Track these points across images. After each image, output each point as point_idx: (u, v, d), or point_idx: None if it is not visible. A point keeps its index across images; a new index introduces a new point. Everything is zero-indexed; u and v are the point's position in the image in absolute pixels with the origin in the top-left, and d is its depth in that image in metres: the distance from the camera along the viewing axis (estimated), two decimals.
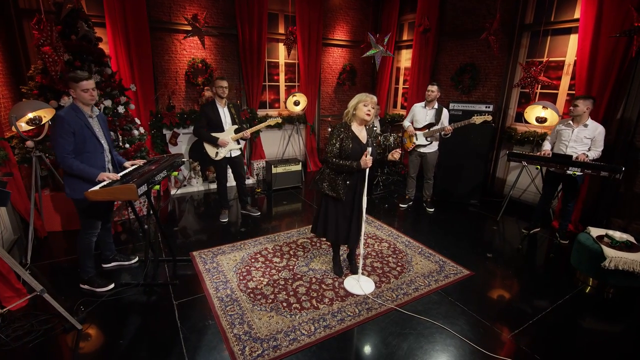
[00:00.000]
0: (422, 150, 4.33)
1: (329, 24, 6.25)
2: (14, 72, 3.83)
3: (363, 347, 2.24)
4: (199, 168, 5.31)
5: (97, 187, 2.26)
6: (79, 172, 2.43)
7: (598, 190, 3.90)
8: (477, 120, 3.93)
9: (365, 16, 6.60)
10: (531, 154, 3.71)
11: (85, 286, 2.72)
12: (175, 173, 2.91)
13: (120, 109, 3.80)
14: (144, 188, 2.33)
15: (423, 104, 4.30)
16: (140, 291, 2.71)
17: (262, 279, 2.90)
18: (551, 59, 4.47)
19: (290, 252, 3.36)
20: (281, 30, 5.88)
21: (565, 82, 4.38)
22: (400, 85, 6.87)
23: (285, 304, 2.57)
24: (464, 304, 2.66)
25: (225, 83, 3.75)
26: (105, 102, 3.68)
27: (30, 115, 3.12)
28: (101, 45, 3.84)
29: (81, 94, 2.44)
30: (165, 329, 2.32)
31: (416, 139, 4.29)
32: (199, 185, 5.28)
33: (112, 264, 3.09)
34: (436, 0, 5.38)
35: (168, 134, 5.04)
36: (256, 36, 5.26)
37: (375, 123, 5.87)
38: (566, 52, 4.33)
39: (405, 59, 6.64)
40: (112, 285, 2.75)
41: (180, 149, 5.17)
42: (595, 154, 3.31)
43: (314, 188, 2.73)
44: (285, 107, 5.92)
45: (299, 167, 5.36)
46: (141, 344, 2.20)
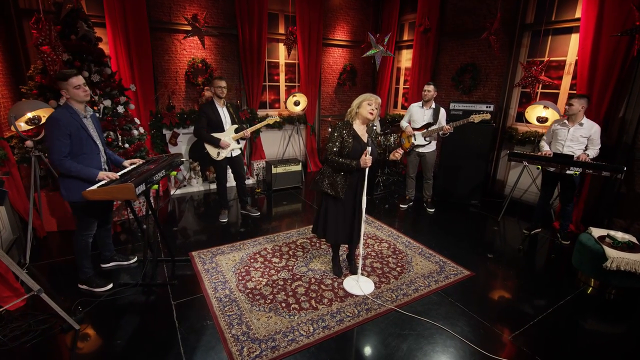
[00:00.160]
0: (421, 150, 4.32)
1: (330, 24, 6.24)
2: (13, 72, 3.82)
3: (362, 348, 2.22)
4: (198, 168, 5.30)
5: (95, 187, 2.26)
6: (77, 174, 2.39)
7: (599, 190, 3.87)
8: (475, 118, 3.92)
9: (365, 16, 6.59)
10: (532, 153, 3.69)
11: (84, 286, 2.71)
12: (174, 173, 2.90)
13: (120, 109, 3.79)
14: (142, 187, 2.32)
15: (420, 103, 4.29)
16: (139, 291, 2.70)
17: (261, 279, 2.89)
18: (552, 58, 4.45)
19: (290, 253, 3.34)
20: (281, 30, 5.87)
21: (566, 81, 4.36)
22: (401, 86, 6.86)
23: (284, 305, 2.56)
24: (465, 304, 2.64)
25: (224, 83, 3.75)
26: (105, 102, 3.67)
27: (29, 115, 3.13)
28: (101, 46, 3.83)
29: (74, 91, 2.37)
30: (163, 330, 2.31)
31: (414, 139, 4.28)
32: (199, 186, 5.27)
33: (111, 264, 3.08)
34: (437, 0, 5.37)
35: (168, 134, 5.04)
36: (256, 36, 5.26)
37: (375, 123, 5.86)
38: (567, 52, 4.31)
39: (406, 59, 6.62)
40: (111, 286, 2.74)
41: (180, 149, 5.16)
42: (594, 152, 3.32)
43: (314, 188, 2.72)
44: (286, 107, 5.91)
45: (299, 168, 5.35)
46: (139, 345, 2.19)
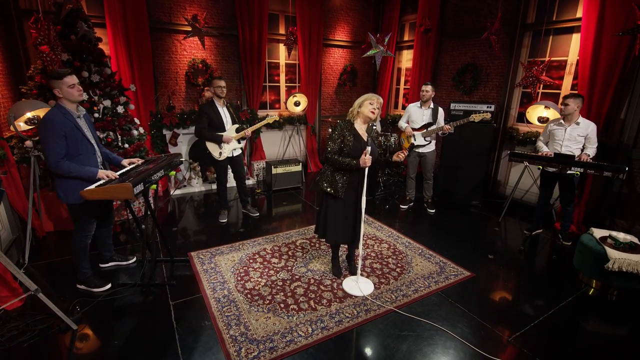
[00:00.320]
0: (421, 150, 4.31)
1: (330, 24, 6.24)
2: (14, 72, 3.83)
3: (361, 349, 2.21)
4: (198, 168, 5.30)
5: (93, 186, 2.25)
6: (77, 174, 2.36)
7: (601, 191, 3.84)
8: (476, 118, 3.91)
9: (366, 17, 6.58)
10: (533, 154, 3.67)
11: (82, 286, 2.70)
12: (173, 173, 2.89)
13: (120, 109, 3.79)
14: (140, 187, 2.31)
15: (418, 104, 4.28)
16: (137, 291, 2.70)
17: (260, 279, 2.87)
18: (553, 58, 4.43)
19: (289, 253, 3.33)
20: (282, 30, 5.87)
21: (567, 81, 4.34)
22: (402, 86, 6.84)
23: (282, 305, 2.54)
24: (465, 305, 2.62)
25: (223, 83, 3.75)
26: (105, 102, 3.67)
27: (28, 115, 3.13)
28: (101, 46, 3.83)
29: (68, 90, 2.33)
30: (161, 330, 2.30)
31: (414, 140, 4.27)
32: (199, 186, 5.27)
33: (110, 264, 3.07)
34: (437, 0, 5.36)
35: (168, 134, 5.04)
36: (256, 36, 5.26)
37: (375, 123, 5.84)
38: (568, 52, 4.29)
39: (407, 59, 6.61)
40: (109, 286, 2.73)
41: (180, 149, 5.16)
42: (592, 151, 3.32)
43: (314, 188, 2.71)
44: (286, 107, 5.90)
45: (299, 168, 5.34)
46: (136, 345, 2.18)
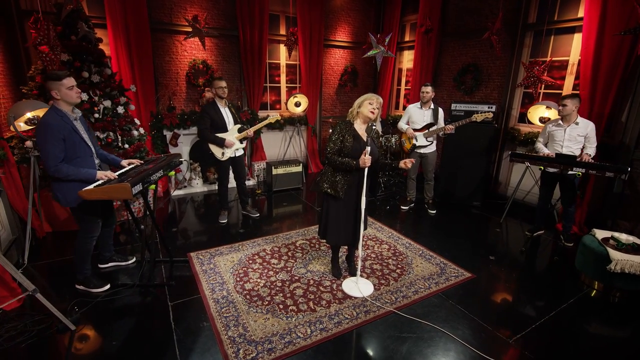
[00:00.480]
0: (422, 151, 4.29)
1: (331, 25, 6.23)
2: (15, 72, 3.84)
3: (360, 350, 2.19)
4: (199, 169, 5.29)
5: (91, 186, 2.24)
6: (76, 176, 2.35)
7: (603, 191, 3.81)
8: (478, 117, 3.89)
9: (367, 17, 6.57)
10: (534, 154, 3.64)
11: (81, 287, 2.69)
12: (172, 173, 2.89)
13: (120, 110, 3.79)
14: (138, 187, 2.31)
15: (418, 104, 4.27)
16: (136, 292, 2.69)
17: (259, 280, 2.86)
18: (554, 58, 4.40)
19: (289, 254, 3.31)
20: (282, 31, 5.87)
21: (569, 81, 4.31)
22: (403, 87, 6.82)
23: (281, 306, 2.53)
24: (465, 307, 2.59)
25: (224, 83, 3.75)
26: (105, 102, 3.68)
27: (28, 115, 3.13)
28: (102, 46, 3.84)
29: (67, 92, 2.32)
30: (160, 331, 2.29)
31: (416, 140, 4.25)
32: (199, 186, 5.26)
33: (110, 264, 3.06)
34: (438, 0, 5.35)
35: (168, 134, 5.03)
36: (257, 37, 5.26)
37: (375, 124, 5.82)
38: (570, 52, 4.27)
39: (407, 60, 6.60)
40: (108, 286, 2.72)
41: (180, 149, 5.15)
42: (592, 151, 3.31)
43: (314, 189, 2.70)
44: (287, 108, 5.90)
45: (299, 169, 5.33)
46: (134, 346, 2.17)
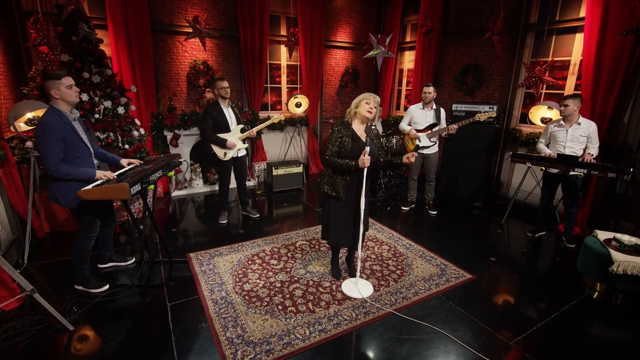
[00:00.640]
0: (425, 151, 4.27)
1: (332, 25, 6.23)
2: (16, 73, 3.85)
3: (359, 352, 2.17)
4: (199, 170, 5.29)
5: (90, 186, 2.24)
6: (76, 176, 2.35)
7: (605, 192, 3.78)
8: (481, 117, 3.87)
9: (368, 18, 6.56)
10: (535, 155, 3.62)
11: (80, 287, 2.69)
12: (172, 173, 2.89)
13: (120, 110, 3.79)
14: (137, 187, 2.30)
15: (420, 105, 4.25)
16: (135, 292, 2.68)
17: (258, 281, 2.85)
18: (556, 58, 4.38)
19: (288, 255, 3.30)
20: (283, 32, 5.87)
21: (571, 82, 4.29)
22: (404, 87, 6.81)
23: (280, 307, 2.51)
24: (466, 308, 2.57)
25: (226, 83, 3.76)
26: (105, 102, 3.68)
27: (29, 116, 3.14)
28: (103, 47, 3.83)
29: (66, 91, 2.33)
30: (158, 331, 2.28)
31: (419, 141, 4.23)
32: (200, 187, 5.26)
33: (109, 264, 3.06)
34: (439, 0, 5.33)
35: (169, 135, 5.04)
36: (258, 38, 5.26)
37: (377, 125, 5.81)
38: (572, 52, 4.24)
39: (409, 60, 6.58)
40: (107, 287, 2.72)
41: (181, 150, 5.16)
42: (595, 151, 3.29)
43: (315, 190, 2.69)
44: (287, 109, 5.89)
45: (300, 169, 5.32)
46: (132, 346, 2.16)
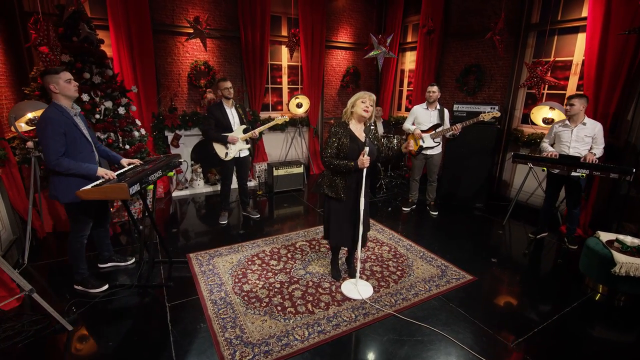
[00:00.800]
0: (429, 152, 4.24)
1: (333, 26, 6.22)
2: (17, 73, 3.86)
3: (358, 353, 2.15)
4: (200, 170, 5.29)
5: (89, 186, 2.23)
6: (77, 171, 2.36)
7: (608, 193, 3.75)
8: (485, 117, 3.85)
9: (369, 18, 6.56)
10: (537, 155, 3.60)
11: (79, 287, 2.69)
12: (171, 173, 2.88)
13: (121, 111, 3.80)
14: (136, 187, 2.29)
15: (424, 105, 4.23)
16: (134, 293, 2.68)
17: (257, 282, 2.84)
18: (558, 58, 4.35)
19: (288, 255, 3.29)
20: (284, 32, 5.87)
21: (573, 82, 4.26)
22: (405, 88, 6.80)
23: (279, 308, 2.50)
24: (466, 310, 2.55)
25: (229, 84, 3.76)
26: (106, 103, 3.68)
27: (29, 116, 3.14)
28: (104, 48, 3.84)
29: (65, 85, 2.34)
30: (157, 332, 2.28)
31: (423, 142, 4.21)
32: (201, 187, 5.26)
33: (109, 264, 3.06)
34: (441, 0, 5.32)
35: (170, 135, 5.05)
36: (259, 38, 5.26)
37: (378, 125, 5.80)
38: (574, 52, 4.22)
39: (410, 61, 6.57)
40: (106, 287, 2.72)
41: (182, 151, 5.16)
42: (599, 152, 3.23)
43: (316, 191, 2.68)
44: (288, 109, 5.89)
45: (300, 170, 5.31)
46: (130, 347, 2.15)
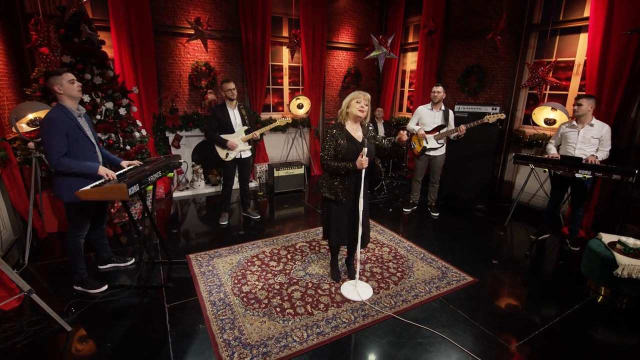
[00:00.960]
0: (432, 153, 4.22)
1: (334, 27, 6.22)
2: (19, 74, 3.88)
3: (357, 355, 2.14)
4: (201, 171, 5.30)
5: (88, 187, 2.24)
6: (78, 170, 2.37)
7: (611, 195, 3.72)
8: (490, 119, 3.83)
9: (370, 19, 6.55)
10: (538, 156, 3.57)
11: (79, 287, 2.69)
12: (171, 174, 2.88)
13: (122, 111, 3.81)
14: (135, 188, 2.29)
15: (429, 106, 4.20)
16: (133, 293, 2.68)
17: (257, 283, 2.83)
18: (560, 59, 4.33)
19: (288, 256, 3.28)
20: (285, 33, 5.87)
21: (575, 82, 4.24)
22: (406, 88, 6.78)
23: (278, 309, 2.49)
24: (467, 312, 2.53)
25: (232, 85, 3.76)
26: (107, 104, 3.70)
27: (30, 117, 3.15)
28: (106, 49, 3.86)
29: (68, 85, 2.36)
30: (155, 333, 2.27)
31: (426, 143, 4.19)
32: (202, 188, 5.26)
33: (108, 265, 3.06)
34: (442, 1, 5.31)
35: (171, 136, 5.05)
36: (260, 39, 5.26)
37: (379, 126, 5.79)
38: (576, 52, 4.19)
39: (411, 61, 6.55)
40: (106, 287, 2.72)
41: (183, 152, 5.17)
42: (603, 154, 3.19)
43: (317, 192, 2.68)
44: (289, 110, 5.89)
45: (301, 171, 5.31)
46: (129, 347, 2.15)
